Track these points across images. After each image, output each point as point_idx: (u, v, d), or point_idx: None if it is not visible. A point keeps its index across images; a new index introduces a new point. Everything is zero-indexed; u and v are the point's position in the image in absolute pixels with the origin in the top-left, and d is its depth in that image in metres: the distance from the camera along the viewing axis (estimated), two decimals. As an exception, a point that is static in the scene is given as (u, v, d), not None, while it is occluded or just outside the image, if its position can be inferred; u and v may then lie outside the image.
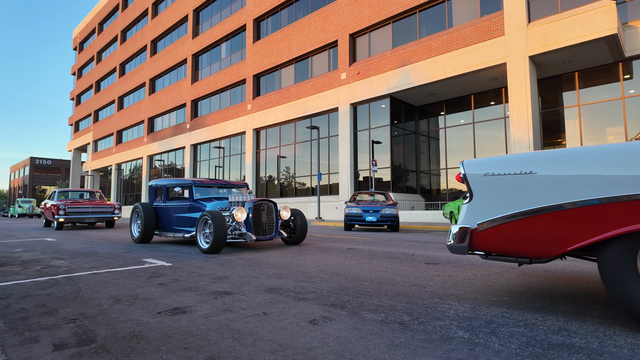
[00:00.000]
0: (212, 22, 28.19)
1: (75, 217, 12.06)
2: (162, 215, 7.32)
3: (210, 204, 6.51)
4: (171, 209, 7.10)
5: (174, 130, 30.88)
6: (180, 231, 6.84)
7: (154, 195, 7.77)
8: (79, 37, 50.02)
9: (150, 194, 7.84)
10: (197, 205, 6.65)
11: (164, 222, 7.31)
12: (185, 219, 6.80)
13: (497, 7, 14.28)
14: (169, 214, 7.15)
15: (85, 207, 12.30)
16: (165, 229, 7.28)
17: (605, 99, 13.61)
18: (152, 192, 7.83)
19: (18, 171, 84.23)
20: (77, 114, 49.39)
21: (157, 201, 7.56)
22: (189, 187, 6.93)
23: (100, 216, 12.51)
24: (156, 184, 7.71)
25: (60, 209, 11.76)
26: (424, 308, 2.60)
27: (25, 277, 3.86)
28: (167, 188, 7.45)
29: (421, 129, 19.00)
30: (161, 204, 7.36)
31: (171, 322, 2.31)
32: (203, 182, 7.09)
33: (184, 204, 6.84)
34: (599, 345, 1.89)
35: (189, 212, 6.75)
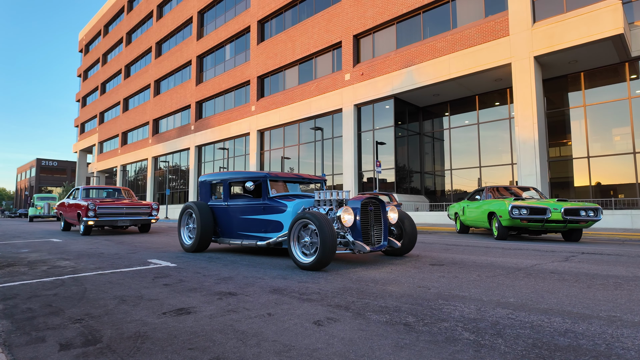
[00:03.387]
0: (216, 23, 28.31)
1: (107, 220, 9.99)
2: (222, 218, 5.97)
3: (292, 203, 5.12)
4: (236, 209, 5.74)
5: (178, 132, 31.01)
6: (251, 237, 5.52)
7: (209, 193, 6.36)
8: (85, 40, 50.42)
9: (203, 191, 6.46)
10: (274, 205, 5.28)
11: (225, 225, 5.93)
12: (257, 222, 5.45)
13: (501, 7, 14.22)
14: (232, 215, 5.79)
15: (118, 207, 10.26)
16: (227, 233, 5.90)
17: (611, 99, 13.50)
18: (206, 188, 6.41)
19: (24, 172, 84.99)
20: (83, 116, 49.76)
21: (212, 200, 6.26)
22: (261, 181, 5.51)
23: (136, 218, 10.43)
24: (214, 179, 6.34)
25: (90, 210, 9.68)
26: (429, 309, 2.58)
27: (31, 278, 3.89)
28: (230, 183, 6.03)
29: (425, 129, 18.94)
30: (220, 203, 6.02)
31: (176, 322, 2.32)
32: (278, 176, 5.71)
33: (255, 203, 5.49)
34: (606, 348, 1.88)
35: (263, 213, 5.39)
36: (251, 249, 6.36)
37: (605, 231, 10.00)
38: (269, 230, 5.30)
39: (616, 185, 13.46)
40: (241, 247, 6.51)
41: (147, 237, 9.36)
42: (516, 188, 9.85)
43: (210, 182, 6.38)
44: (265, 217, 5.39)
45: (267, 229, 5.35)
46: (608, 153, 13.60)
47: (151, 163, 34.31)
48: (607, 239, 8.62)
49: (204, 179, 6.47)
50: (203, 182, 6.49)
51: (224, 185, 6.06)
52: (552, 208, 7.53)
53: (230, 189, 6.12)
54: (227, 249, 6.61)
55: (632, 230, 10.65)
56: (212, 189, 6.51)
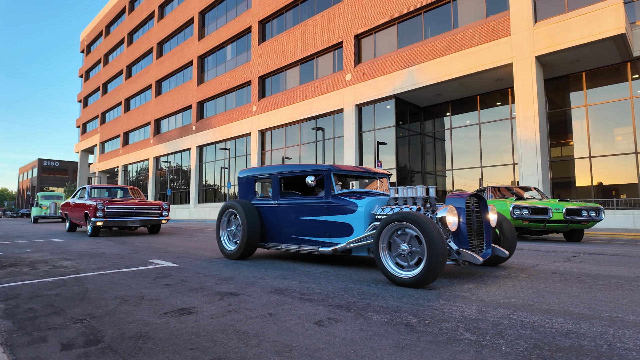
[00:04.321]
0: (217, 24, 28.34)
1: (117, 220, 9.57)
2: (270, 219, 5.09)
3: (363, 201, 4.26)
4: (290, 209, 4.88)
5: (180, 132, 31.05)
6: (310, 242, 4.65)
7: (252, 190, 5.48)
8: (86, 40, 50.53)
9: (244, 188, 5.56)
10: (340, 204, 4.42)
11: (274, 228, 5.05)
12: (319, 224, 4.57)
13: (503, 7, 14.20)
14: (285, 216, 4.92)
15: (128, 207, 9.85)
16: (278, 237, 5.02)
17: (613, 99, 13.47)
18: (248, 185, 5.52)
19: (26, 172, 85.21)
20: (85, 116, 49.87)
21: (256, 198, 5.42)
22: (324, 176, 4.60)
23: (146, 219, 10.02)
24: (259, 174, 5.38)
25: (98, 210, 9.29)
26: (430, 310, 2.58)
27: (33, 278, 3.90)
28: (280, 178, 5.09)
29: (427, 129, 18.92)
30: (268, 201, 5.14)
31: (177, 322, 2.32)
32: (343, 169, 4.75)
33: (316, 201, 4.63)
34: (608, 348, 1.87)
35: (326, 213, 4.51)
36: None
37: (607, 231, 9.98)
38: (335, 234, 4.43)
39: (618, 185, 13.43)
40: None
41: (149, 238, 9.30)
42: (517, 188, 9.84)
43: (255, 178, 5.44)
44: (330, 218, 4.50)
45: (331, 232, 4.46)
46: (610, 153, 13.57)
47: (152, 163, 34.35)
48: (609, 239, 8.61)
49: (246, 174, 5.58)
50: (245, 178, 5.57)
51: (274, 180, 5.11)
52: (554, 208, 7.52)
53: (281, 185, 5.21)
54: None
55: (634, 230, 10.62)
56: (257, 186, 5.65)
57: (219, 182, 27.44)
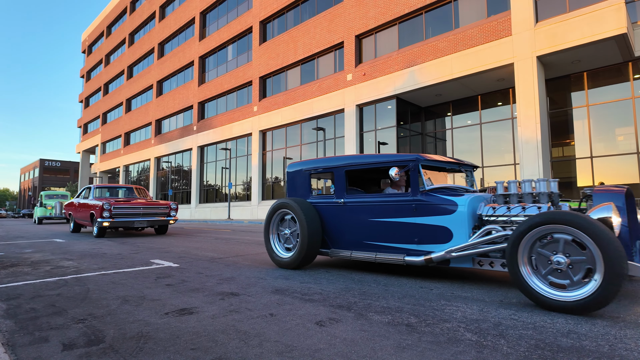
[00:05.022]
0: (218, 24, 28.37)
1: (123, 221, 9.25)
2: (333, 221, 4.27)
3: (465, 199, 3.46)
4: (361, 209, 4.04)
5: (181, 132, 31.09)
6: (391, 250, 3.79)
7: (307, 186, 4.65)
8: (88, 40, 50.62)
9: (297, 185, 4.74)
10: (433, 203, 3.57)
11: (338, 231, 4.22)
12: (404, 227, 3.71)
13: (504, 7, 14.19)
14: (354, 218, 4.09)
15: (135, 207, 9.53)
16: (344, 243, 4.18)
17: (614, 99, 13.45)
18: (302, 180, 4.69)
19: (28, 173, 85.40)
20: (86, 116, 49.96)
21: (312, 195, 4.61)
22: (410, 167, 3.75)
23: (153, 219, 9.69)
24: (317, 167, 4.54)
25: (105, 210, 9.01)
26: (431, 310, 2.58)
27: (35, 278, 3.90)
28: (347, 172, 4.30)
29: (428, 130, 18.91)
30: (330, 200, 4.30)
31: (178, 322, 2.32)
32: (432, 159, 3.84)
33: (400, 199, 3.78)
34: (609, 349, 1.87)
35: (414, 214, 3.65)
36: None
37: (609, 231, 9.94)
38: (426, 240, 3.58)
39: (619, 185, 13.39)
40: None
41: (150, 238, 9.23)
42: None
43: (311, 172, 4.59)
44: (419, 220, 3.64)
45: (422, 238, 3.61)
46: (611, 153, 13.54)
47: (154, 163, 34.40)
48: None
49: (298, 168, 4.75)
50: (297, 173, 4.74)
51: (338, 174, 4.27)
52: (555, 208, 7.51)
53: (347, 180, 4.37)
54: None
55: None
56: (312, 181, 4.68)
57: (220, 182, 27.47)
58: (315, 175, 4.82)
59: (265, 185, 23.84)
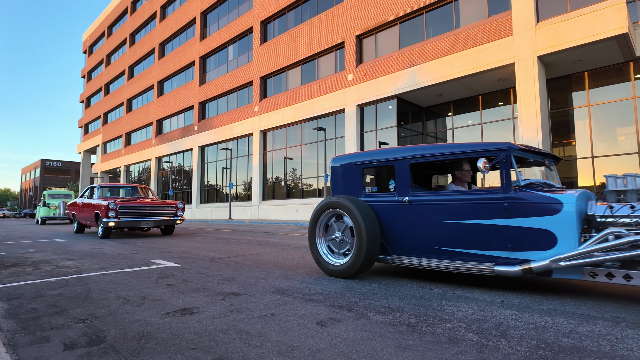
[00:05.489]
0: (219, 24, 28.38)
1: (129, 221, 8.98)
2: (394, 222, 3.67)
3: (572, 196, 2.93)
4: (434, 208, 3.43)
5: (181, 132, 31.11)
6: (478, 257, 3.19)
7: (360, 182, 4.02)
8: (89, 41, 50.68)
9: (347, 181, 4.10)
10: (531, 201, 3.01)
11: (402, 235, 3.62)
12: (494, 230, 3.13)
13: (505, 7, 14.17)
14: (422, 219, 3.50)
15: (141, 207, 9.27)
16: (409, 248, 3.57)
17: (616, 99, 13.43)
18: (355, 176, 4.05)
19: (29, 173, 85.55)
20: (87, 117, 50.02)
21: (364, 193, 3.96)
22: (499, 159, 3.17)
23: (160, 219, 9.43)
24: (373, 160, 3.91)
25: (110, 210, 8.75)
26: (432, 310, 2.58)
27: (36, 278, 3.91)
28: (412, 165, 3.64)
29: (428, 130, 18.90)
30: (391, 198, 3.70)
31: (179, 322, 2.32)
32: (524, 149, 3.30)
33: (486, 197, 3.19)
34: (611, 349, 1.87)
35: (507, 215, 3.08)
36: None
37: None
38: (522, 245, 3.00)
39: None
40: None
41: (151, 238, 9.18)
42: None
43: (363, 166, 3.97)
44: (513, 222, 3.06)
45: (516, 243, 3.03)
46: (612, 153, 13.52)
47: (154, 164, 34.43)
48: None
49: (346, 161, 4.13)
50: (345, 167, 4.11)
51: (400, 168, 3.64)
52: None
53: (412, 175, 3.73)
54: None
55: (637, 230, 10.55)
56: (363, 175, 4.05)
57: (220, 182, 27.48)
58: (368, 170, 4.21)
59: (266, 185, 23.84)
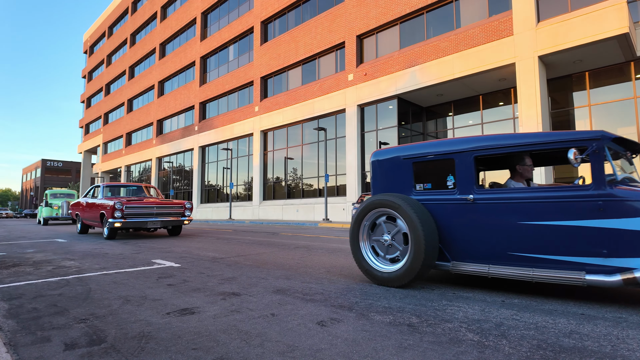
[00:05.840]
0: (220, 24, 28.40)
1: (136, 221, 8.67)
2: (453, 225, 3.25)
3: None
4: (504, 208, 3.01)
5: (182, 132, 31.13)
6: (564, 265, 2.79)
7: (409, 179, 3.55)
8: (89, 41, 50.73)
9: (394, 177, 3.64)
10: (631, 200, 2.61)
11: (465, 238, 3.19)
12: (585, 234, 2.73)
13: (505, 6, 14.17)
14: (492, 220, 3.06)
15: (148, 207, 8.95)
16: (475, 253, 3.13)
17: (616, 99, 13.42)
18: (403, 171, 3.59)
19: (30, 173, 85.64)
20: (88, 117, 50.07)
21: (415, 191, 3.52)
22: (593, 150, 2.76)
23: (167, 219, 9.13)
24: (427, 152, 3.45)
25: (116, 210, 8.46)
26: (433, 310, 2.58)
27: (37, 278, 3.91)
28: (477, 158, 3.21)
29: (429, 130, 18.89)
30: (451, 196, 3.27)
31: (180, 322, 2.32)
32: (618, 139, 2.88)
33: (571, 195, 2.80)
34: (611, 349, 1.86)
35: (601, 215, 2.68)
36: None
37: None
38: (622, 252, 2.60)
39: None
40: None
41: (151, 238, 9.16)
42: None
43: (413, 160, 3.52)
44: (609, 223, 2.64)
45: (613, 249, 2.63)
46: (613, 153, 13.51)
47: (155, 164, 34.45)
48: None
49: (393, 155, 3.65)
50: (391, 161, 3.65)
51: (463, 161, 3.22)
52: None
53: (477, 170, 3.28)
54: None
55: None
56: (417, 171, 3.66)
57: (221, 182, 27.50)
58: (419, 165, 3.66)
59: (266, 186, 23.85)
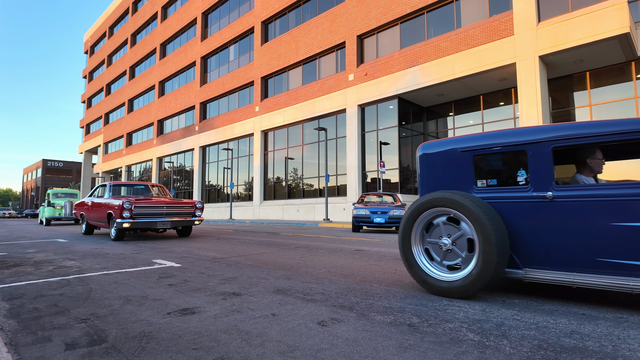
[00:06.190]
0: (220, 24, 28.41)
1: (145, 222, 8.24)
2: (527, 226, 2.83)
3: None
4: (593, 207, 2.63)
5: (183, 132, 31.15)
6: None
7: (469, 174, 3.12)
8: (90, 41, 50.78)
9: (448, 172, 3.22)
10: None
11: (539, 242, 2.78)
12: None
13: (506, 6, 14.16)
14: (574, 222, 2.66)
15: (158, 207, 8.53)
16: (552, 260, 2.71)
17: (617, 99, 13.40)
18: (461, 165, 3.16)
19: (31, 173, 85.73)
20: (88, 117, 50.11)
21: (476, 188, 3.08)
22: None
23: (178, 219, 8.70)
24: (492, 143, 3.01)
25: (125, 210, 8.05)
26: (434, 310, 2.58)
27: (37, 278, 3.92)
28: (555, 149, 3.02)
29: (429, 129, 18.89)
30: (521, 194, 2.85)
31: (181, 322, 2.32)
32: None
33: None
34: (612, 349, 1.86)
35: None
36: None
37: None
38: None
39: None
40: None
41: (152, 238, 9.13)
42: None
43: (474, 152, 3.09)
44: None
45: None
46: (614, 153, 13.51)
47: (156, 164, 34.47)
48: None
49: (447, 147, 3.23)
50: (445, 155, 3.24)
51: (538, 153, 2.80)
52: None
53: (549, 164, 2.79)
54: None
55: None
56: (477, 166, 3.19)
57: (221, 182, 27.51)
58: (480, 158, 3.18)
59: (267, 186, 23.85)
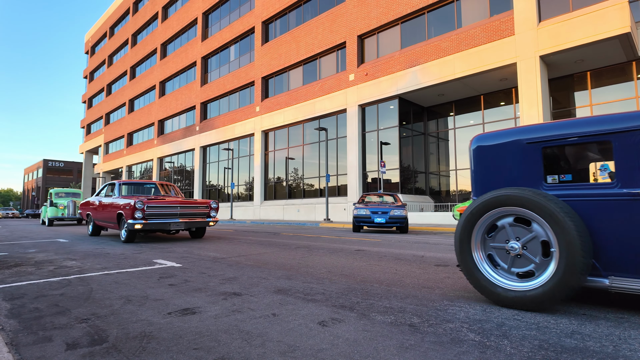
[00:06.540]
0: (221, 25, 28.42)
1: (158, 222, 7.68)
2: (614, 229, 2.38)
3: None
4: None
5: (183, 133, 31.16)
6: None
7: (537, 170, 2.71)
8: (91, 41, 50.82)
9: (509, 167, 2.81)
10: None
11: (626, 246, 2.32)
12: None
13: (506, 6, 14.15)
14: None
15: (171, 206, 8.00)
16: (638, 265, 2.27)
17: (618, 99, 13.39)
18: (528, 158, 2.74)
19: (31, 173, 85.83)
20: (89, 117, 50.16)
21: (546, 185, 2.68)
22: None
23: (192, 220, 8.16)
24: (565, 134, 2.59)
25: (137, 210, 7.48)
26: (434, 310, 2.57)
27: (38, 278, 3.92)
28: None
29: (430, 129, 18.88)
30: (606, 191, 2.44)
31: (181, 322, 2.33)
32: None
33: None
34: (613, 349, 1.86)
35: None
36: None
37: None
38: None
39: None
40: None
41: (152, 238, 9.05)
42: (522, 188, 9.75)
43: (543, 144, 2.69)
44: None
45: None
46: (615, 153, 13.48)
47: (156, 164, 34.49)
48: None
49: (508, 138, 2.84)
50: (505, 147, 2.85)
51: (626, 144, 2.39)
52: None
53: None
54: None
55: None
56: (552, 158, 2.89)
57: (222, 182, 27.52)
58: (550, 150, 2.85)
59: (267, 186, 23.86)
